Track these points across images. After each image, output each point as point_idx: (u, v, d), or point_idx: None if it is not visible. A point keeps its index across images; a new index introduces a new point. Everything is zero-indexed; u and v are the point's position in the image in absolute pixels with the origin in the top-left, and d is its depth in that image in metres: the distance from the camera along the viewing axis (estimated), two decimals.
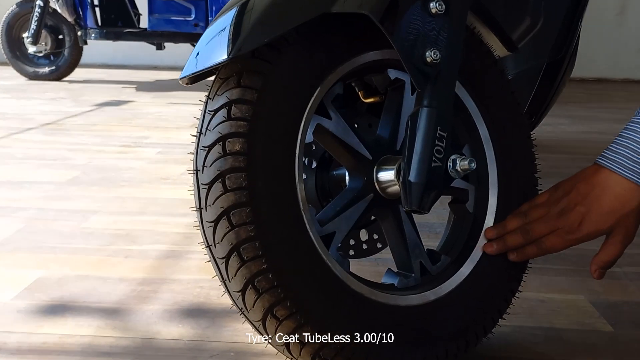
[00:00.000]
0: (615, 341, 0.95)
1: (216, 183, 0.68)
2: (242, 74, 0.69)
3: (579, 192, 0.76)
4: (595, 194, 0.74)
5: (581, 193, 0.75)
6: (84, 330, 0.95)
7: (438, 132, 0.72)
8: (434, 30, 0.72)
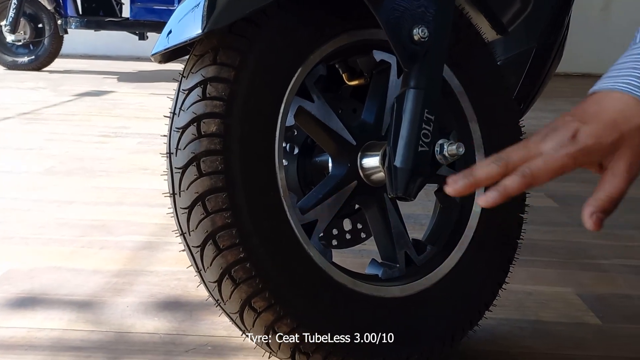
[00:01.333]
0: (603, 334, 0.93)
1: (190, 167, 0.64)
2: (218, 50, 0.65)
3: (569, 113, 0.60)
4: (592, 110, 0.58)
5: (573, 113, 0.59)
6: (54, 323, 0.90)
7: (425, 115, 0.69)
8: (421, 7, 0.69)
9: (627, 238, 1.35)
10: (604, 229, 1.40)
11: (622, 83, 0.58)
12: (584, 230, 1.38)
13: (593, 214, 0.58)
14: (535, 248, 1.27)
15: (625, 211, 1.50)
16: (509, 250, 0.86)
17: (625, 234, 1.38)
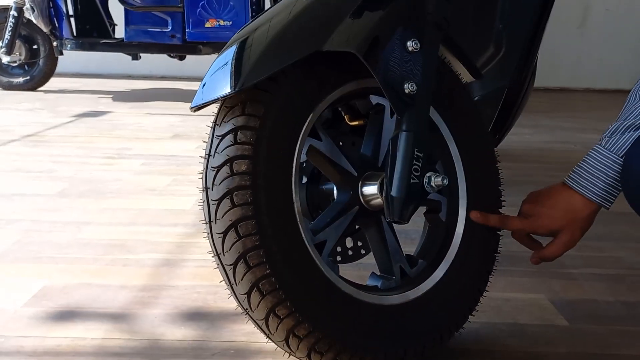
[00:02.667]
0: (570, 334, 1.08)
1: (225, 199, 0.77)
2: (246, 103, 0.79)
3: (545, 197, 0.95)
4: (553, 201, 0.93)
5: (545, 199, 0.95)
6: (93, 333, 1.03)
7: (415, 153, 0.83)
8: (410, 65, 0.84)
9: (596, 249, 1.51)
10: None
11: (587, 189, 0.90)
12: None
13: (536, 260, 0.99)
14: (513, 259, 1.41)
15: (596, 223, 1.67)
16: (488, 263, 1.00)
17: (595, 245, 1.53)
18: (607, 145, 0.87)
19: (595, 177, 0.88)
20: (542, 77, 1.87)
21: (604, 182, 0.88)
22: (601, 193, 0.88)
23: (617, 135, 0.86)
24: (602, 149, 0.88)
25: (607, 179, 0.87)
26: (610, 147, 0.87)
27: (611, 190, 0.88)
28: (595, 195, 0.89)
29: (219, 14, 3.83)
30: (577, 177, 0.91)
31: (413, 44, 0.84)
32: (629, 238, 1.56)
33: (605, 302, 1.21)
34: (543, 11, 1.11)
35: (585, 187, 0.89)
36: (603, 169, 0.87)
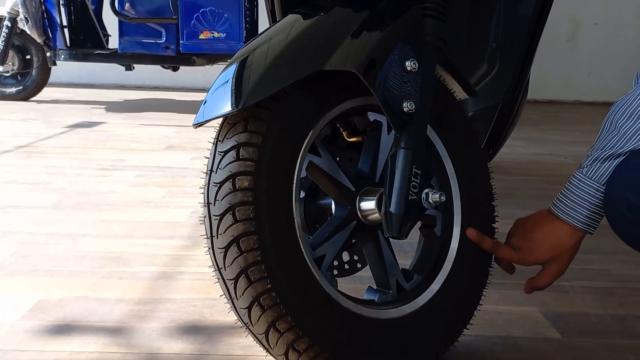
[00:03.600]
0: (563, 347, 1.10)
1: (227, 215, 0.79)
2: (248, 120, 0.81)
3: (532, 230, 0.98)
4: (541, 234, 0.97)
5: (532, 232, 0.98)
6: (90, 347, 1.03)
7: (413, 170, 0.85)
8: (409, 84, 0.86)
9: (586, 262, 1.53)
10: None
11: (572, 218, 0.93)
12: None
13: (528, 289, 1.03)
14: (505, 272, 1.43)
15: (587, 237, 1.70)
16: (482, 277, 1.02)
17: (585, 258, 1.55)
18: (588, 174, 0.89)
19: (579, 205, 0.91)
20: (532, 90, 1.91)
21: (588, 209, 0.90)
22: (586, 220, 0.91)
23: (598, 164, 0.88)
24: (584, 178, 0.90)
25: (591, 207, 0.90)
26: (591, 175, 0.89)
27: (595, 217, 0.92)
28: (580, 223, 0.92)
29: (213, 26, 3.86)
30: (563, 206, 0.93)
31: (411, 63, 0.86)
32: (617, 251, 1.58)
33: (596, 315, 1.23)
34: (535, 30, 1.14)
35: (570, 216, 0.92)
36: (587, 197, 0.90)
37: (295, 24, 0.85)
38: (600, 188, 0.88)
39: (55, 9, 4.16)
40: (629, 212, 0.83)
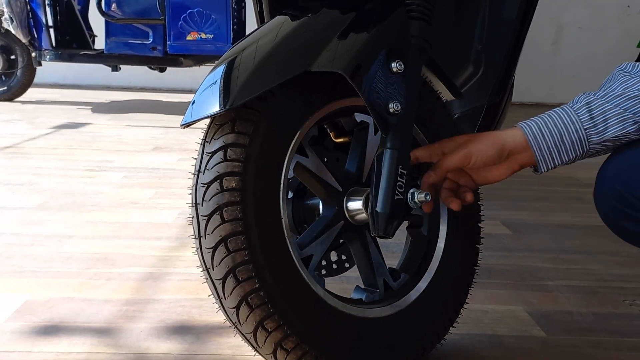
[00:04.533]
0: (547, 345, 1.11)
1: (215, 215, 0.79)
2: (235, 121, 0.81)
3: None
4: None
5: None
6: (78, 347, 1.03)
7: (399, 170, 0.86)
8: (395, 85, 0.87)
9: (570, 261, 1.55)
10: (551, 253, 1.65)
11: (527, 125, 0.88)
12: (533, 256, 1.59)
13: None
14: (491, 272, 1.45)
15: (571, 237, 1.73)
16: (468, 276, 1.03)
17: (569, 257, 1.58)
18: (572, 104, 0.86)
19: (543, 120, 0.86)
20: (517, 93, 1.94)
21: (549, 130, 0.85)
22: (540, 137, 0.86)
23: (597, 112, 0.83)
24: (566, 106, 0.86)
25: (554, 130, 0.85)
26: (573, 104, 0.85)
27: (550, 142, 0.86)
28: (532, 134, 0.86)
29: (201, 27, 3.85)
30: (529, 119, 0.88)
31: (397, 65, 0.87)
32: (602, 251, 1.61)
33: (580, 313, 1.25)
34: (520, 32, 1.15)
35: (527, 124, 0.88)
36: (555, 118, 0.86)
37: (283, 25, 0.86)
38: (574, 119, 0.84)
39: (41, 8, 4.13)
40: (618, 203, 0.84)
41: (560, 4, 5.38)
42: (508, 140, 0.88)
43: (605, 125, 0.83)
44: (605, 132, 0.83)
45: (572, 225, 1.85)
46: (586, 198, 2.17)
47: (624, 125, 0.82)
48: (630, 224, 0.84)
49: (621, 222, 0.85)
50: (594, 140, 0.85)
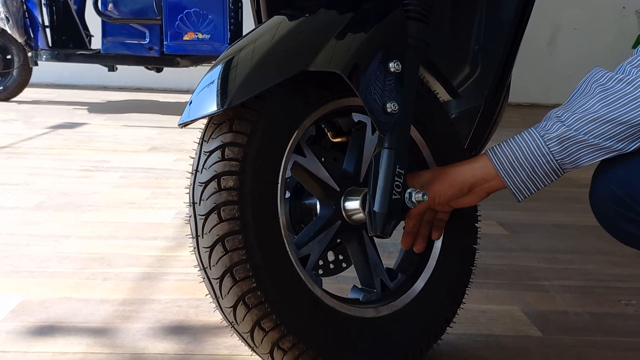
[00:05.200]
0: (543, 345, 1.12)
1: (212, 214, 0.79)
2: (233, 120, 0.81)
3: None
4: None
5: None
6: (74, 348, 1.03)
7: (397, 170, 0.86)
8: (392, 85, 0.87)
9: (566, 261, 1.56)
10: (547, 253, 1.65)
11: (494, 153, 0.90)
12: (529, 256, 1.59)
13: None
14: (488, 272, 1.46)
15: (567, 237, 1.73)
16: (464, 276, 1.04)
17: (565, 257, 1.59)
18: (537, 126, 0.86)
19: (509, 148, 0.87)
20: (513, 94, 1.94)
21: (516, 156, 0.86)
22: (508, 166, 0.87)
23: (552, 121, 0.84)
24: (532, 129, 0.86)
25: (521, 155, 0.86)
26: (538, 127, 0.86)
27: (521, 171, 0.87)
28: (499, 162, 0.88)
29: (198, 27, 3.85)
30: (496, 146, 0.89)
31: (395, 65, 0.87)
32: (597, 251, 1.62)
33: (576, 313, 1.25)
34: (517, 32, 1.16)
35: (494, 152, 0.89)
36: (522, 143, 0.86)
37: (281, 25, 0.86)
38: (545, 151, 0.84)
39: (37, 8, 4.12)
40: (613, 204, 0.84)
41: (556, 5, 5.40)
42: (472, 173, 0.91)
43: (578, 155, 0.84)
44: (579, 161, 0.85)
45: (568, 225, 1.85)
46: (582, 198, 2.18)
47: (596, 155, 0.83)
48: (625, 224, 0.84)
49: (616, 222, 0.85)
50: (568, 167, 0.86)
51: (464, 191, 0.92)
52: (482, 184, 0.91)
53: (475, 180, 0.91)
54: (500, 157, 0.89)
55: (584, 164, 0.85)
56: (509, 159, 0.88)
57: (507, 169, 0.88)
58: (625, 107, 0.79)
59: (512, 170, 0.88)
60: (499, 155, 0.89)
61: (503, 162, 0.89)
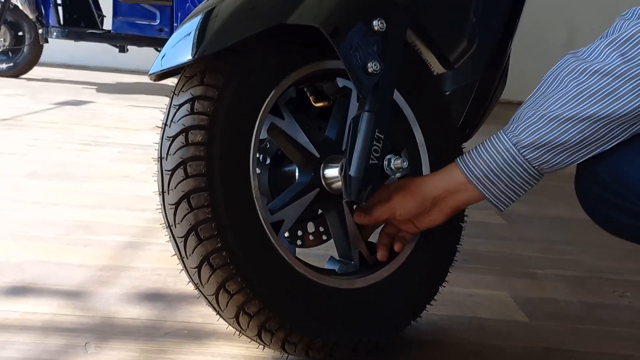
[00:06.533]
0: (528, 330, 1.07)
1: (178, 169, 0.76)
2: (205, 73, 0.78)
3: None
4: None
5: None
6: (44, 308, 1.00)
7: (376, 134, 0.82)
8: (375, 45, 0.83)
9: (562, 252, 1.51)
10: (544, 243, 1.60)
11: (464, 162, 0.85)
12: (525, 245, 1.55)
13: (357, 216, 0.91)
14: (480, 257, 1.41)
15: (566, 230, 1.68)
16: (448, 254, 1.00)
17: (561, 248, 1.54)
18: (505, 129, 0.81)
19: (479, 156, 0.82)
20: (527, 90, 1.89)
21: (487, 164, 0.81)
22: (479, 174, 0.83)
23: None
24: (500, 132, 0.81)
25: (491, 163, 0.81)
26: (507, 129, 0.80)
27: (491, 180, 0.82)
28: (470, 171, 0.83)
29: None
30: (466, 154, 0.84)
31: (379, 23, 0.83)
32: (595, 244, 1.56)
33: (566, 301, 1.20)
34: (516, 4, 1.11)
35: (464, 161, 0.84)
36: (491, 150, 0.81)
37: None
38: (520, 160, 0.79)
39: None
40: (601, 190, 0.79)
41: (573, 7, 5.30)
42: (436, 184, 0.87)
43: (556, 160, 0.79)
44: (558, 165, 0.79)
45: (568, 218, 1.80)
46: None
47: (576, 157, 0.78)
48: (614, 213, 0.79)
49: (604, 210, 0.80)
50: (547, 171, 0.81)
51: (426, 204, 0.87)
52: (446, 197, 0.86)
53: (439, 192, 0.86)
54: (473, 169, 0.84)
55: (565, 166, 0.80)
56: (483, 171, 0.83)
57: (483, 182, 0.83)
58: (603, 101, 0.73)
59: (489, 182, 0.83)
60: (471, 167, 0.84)
61: (477, 175, 0.83)
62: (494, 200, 0.84)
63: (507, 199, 0.84)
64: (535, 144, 0.78)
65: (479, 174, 0.83)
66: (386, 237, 0.95)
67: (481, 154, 0.84)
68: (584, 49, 0.81)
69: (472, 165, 0.84)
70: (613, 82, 0.73)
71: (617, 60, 0.74)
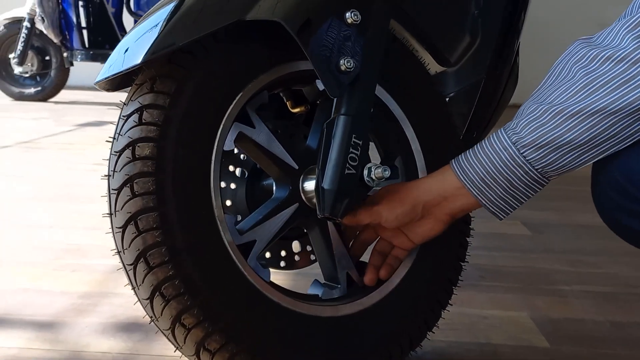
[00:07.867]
0: (547, 355, 0.94)
1: (125, 188, 0.67)
2: (155, 79, 0.69)
3: None
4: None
5: None
6: (11, 342, 0.93)
7: (353, 140, 0.72)
8: (349, 40, 0.73)
9: (591, 265, 1.36)
10: (571, 254, 1.44)
11: (459, 164, 0.75)
12: (550, 257, 1.41)
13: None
14: (499, 273, 1.28)
15: (595, 238, 1.53)
16: (451, 272, 0.88)
17: (590, 260, 1.39)
18: (505, 127, 0.71)
19: (476, 158, 0.72)
20: None
21: (484, 168, 0.71)
22: (475, 178, 0.72)
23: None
24: (499, 131, 0.71)
25: (488, 166, 0.71)
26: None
27: (487, 185, 0.72)
28: (465, 175, 0.73)
29: None
30: (461, 156, 0.74)
31: (352, 15, 0.73)
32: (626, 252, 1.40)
33: (594, 321, 1.06)
34: None
35: (459, 163, 0.74)
36: (489, 152, 0.71)
37: None
38: (521, 161, 0.69)
39: (72, 9, 4.18)
40: (616, 194, 0.68)
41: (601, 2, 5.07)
42: (427, 188, 0.76)
43: (562, 162, 0.67)
44: (565, 167, 0.68)
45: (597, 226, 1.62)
46: None
47: (586, 158, 0.67)
48: (627, 220, 0.67)
49: (617, 215, 0.69)
50: (553, 175, 0.70)
51: (417, 211, 0.76)
52: (440, 203, 0.76)
53: (432, 197, 0.75)
54: (468, 171, 0.73)
55: (573, 169, 0.68)
56: (479, 174, 0.72)
57: (479, 186, 0.72)
58: (616, 92, 0.62)
59: (485, 186, 0.72)
60: (466, 170, 0.73)
61: (472, 178, 0.73)
62: (491, 206, 0.73)
63: (506, 205, 0.73)
64: (537, 142, 0.67)
65: (474, 177, 0.72)
66: (378, 256, 0.84)
67: (477, 155, 0.73)
68: (598, 33, 0.69)
69: (466, 167, 0.73)
70: (628, 70, 0.62)
71: (633, 44, 0.62)
